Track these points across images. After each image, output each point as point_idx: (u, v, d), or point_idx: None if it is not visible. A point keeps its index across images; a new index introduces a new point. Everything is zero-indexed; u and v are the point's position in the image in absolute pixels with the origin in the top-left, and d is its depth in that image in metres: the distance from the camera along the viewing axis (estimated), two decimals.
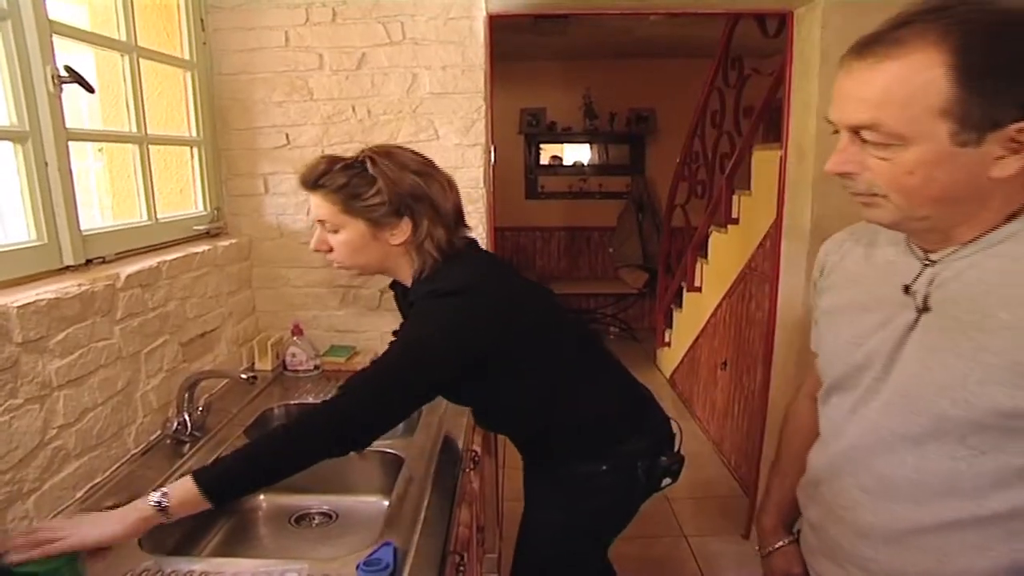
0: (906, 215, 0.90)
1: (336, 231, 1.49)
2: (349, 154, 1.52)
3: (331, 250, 1.52)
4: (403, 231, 1.48)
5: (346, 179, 1.44)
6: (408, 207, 1.47)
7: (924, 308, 0.94)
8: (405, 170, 1.47)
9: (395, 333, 1.63)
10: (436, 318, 1.45)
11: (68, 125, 1.61)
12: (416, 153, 1.54)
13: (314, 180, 1.46)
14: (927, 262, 0.96)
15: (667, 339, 5.35)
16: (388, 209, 1.46)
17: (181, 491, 1.28)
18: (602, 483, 1.67)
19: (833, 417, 1.09)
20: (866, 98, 0.86)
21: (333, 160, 1.47)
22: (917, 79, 0.82)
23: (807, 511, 1.18)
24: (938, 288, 0.93)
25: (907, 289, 0.97)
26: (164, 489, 1.28)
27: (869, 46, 0.86)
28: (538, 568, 1.77)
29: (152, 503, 1.26)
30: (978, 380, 0.86)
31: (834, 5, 2.34)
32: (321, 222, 1.50)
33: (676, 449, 1.76)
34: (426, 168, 1.51)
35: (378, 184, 1.44)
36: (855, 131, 0.89)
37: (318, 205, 1.48)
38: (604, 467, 1.65)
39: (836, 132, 0.93)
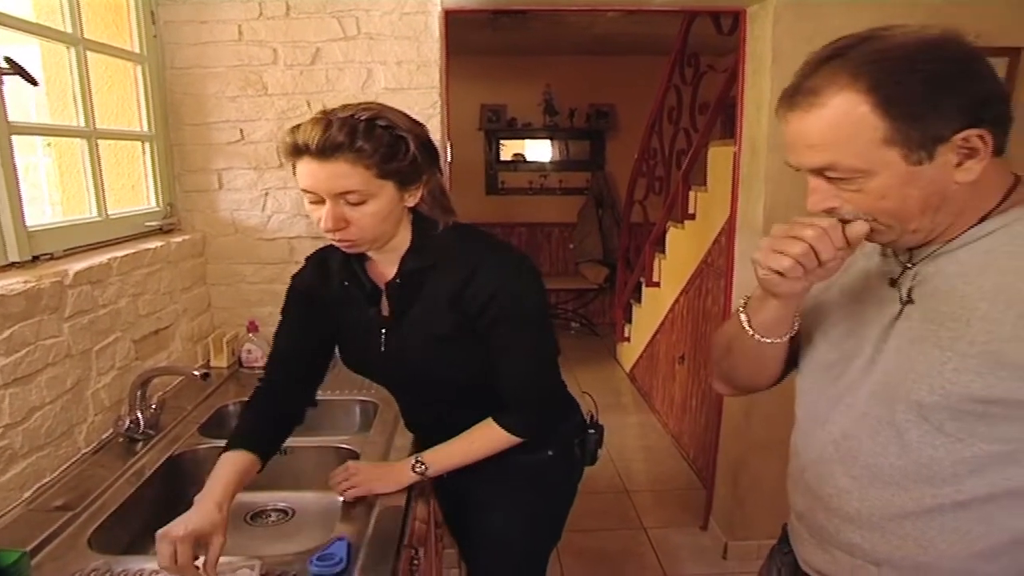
0: (899, 232, 0.94)
1: (364, 202, 1.27)
2: (343, 113, 1.28)
3: (347, 227, 1.30)
4: (419, 190, 1.36)
5: (378, 140, 1.25)
6: (428, 162, 1.36)
7: (908, 300, 0.98)
8: (414, 123, 1.34)
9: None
10: (518, 272, 1.44)
11: (12, 118, 1.58)
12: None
13: (341, 145, 1.22)
14: (909, 265, 1.00)
15: (627, 334, 5.40)
16: (415, 168, 1.32)
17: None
18: (552, 469, 1.65)
19: (817, 404, 1.11)
20: (813, 144, 0.91)
21: (346, 120, 1.24)
22: (849, 120, 0.87)
23: (793, 499, 1.18)
24: (921, 282, 0.97)
25: (893, 282, 1.01)
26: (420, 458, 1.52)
27: (793, 97, 0.92)
28: (506, 566, 1.72)
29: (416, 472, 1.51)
30: (954, 368, 0.90)
31: (785, 4, 2.38)
32: (342, 195, 1.26)
33: (595, 419, 1.74)
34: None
35: (408, 142, 1.29)
36: (819, 172, 0.94)
37: (345, 174, 1.24)
38: (551, 452, 1.62)
39: (798, 170, 0.98)
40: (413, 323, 1.44)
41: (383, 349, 1.48)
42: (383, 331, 1.48)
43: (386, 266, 1.45)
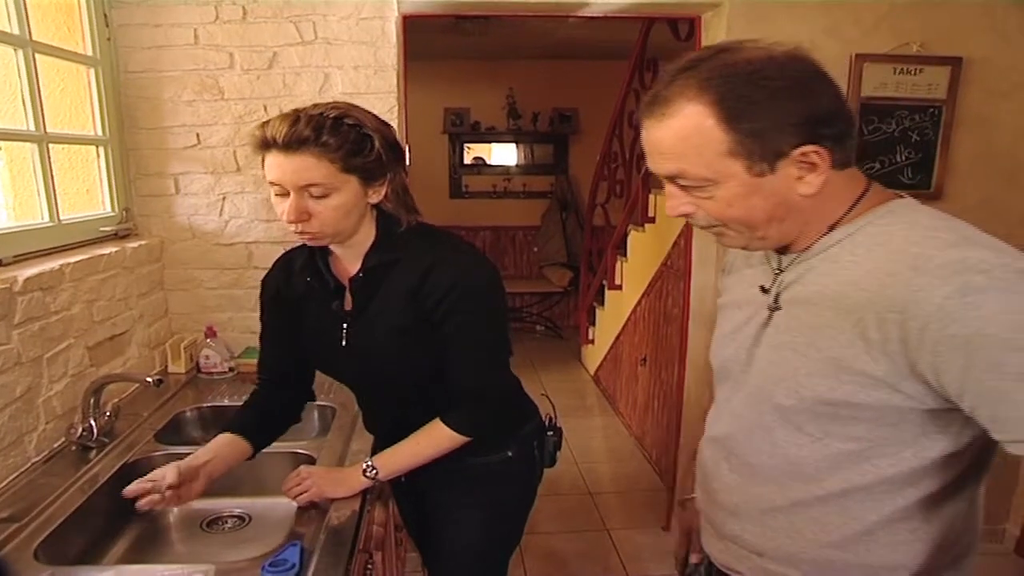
0: (749, 238, 1.00)
1: (327, 195, 1.31)
2: (312, 111, 1.32)
3: (309, 219, 1.33)
4: (383, 187, 1.40)
5: (344, 136, 1.30)
6: (393, 160, 1.39)
7: (776, 307, 1.04)
8: (382, 123, 1.39)
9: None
10: (476, 269, 1.47)
11: None
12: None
13: (307, 139, 1.27)
14: (778, 271, 1.06)
15: (591, 336, 5.43)
16: (379, 165, 1.36)
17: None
18: (511, 470, 1.67)
19: (715, 406, 1.19)
20: (664, 152, 0.96)
21: (313, 117, 1.28)
22: (696, 131, 0.91)
23: (697, 495, 1.25)
24: (785, 288, 1.03)
25: (764, 289, 1.07)
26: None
27: (650, 106, 0.96)
28: (466, 568, 1.73)
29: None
30: (807, 372, 0.96)
31: (738, 11, 2.42)
32: (305, 188, 1.30)
33: (554, 422, 1.77)
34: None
35: (373, 140, 1.33)
36: (672, 179, 0.98)
37: (308, 167, 1.28)
38: (510, 453, 1.65)
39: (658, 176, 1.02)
40: (373, 316, 1.46)
41: (344, 343, 1.50)
42: (344, 325, 1.49)
43: (350, 262, 1.47)
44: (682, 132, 0.92)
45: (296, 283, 1.54)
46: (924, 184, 2.58)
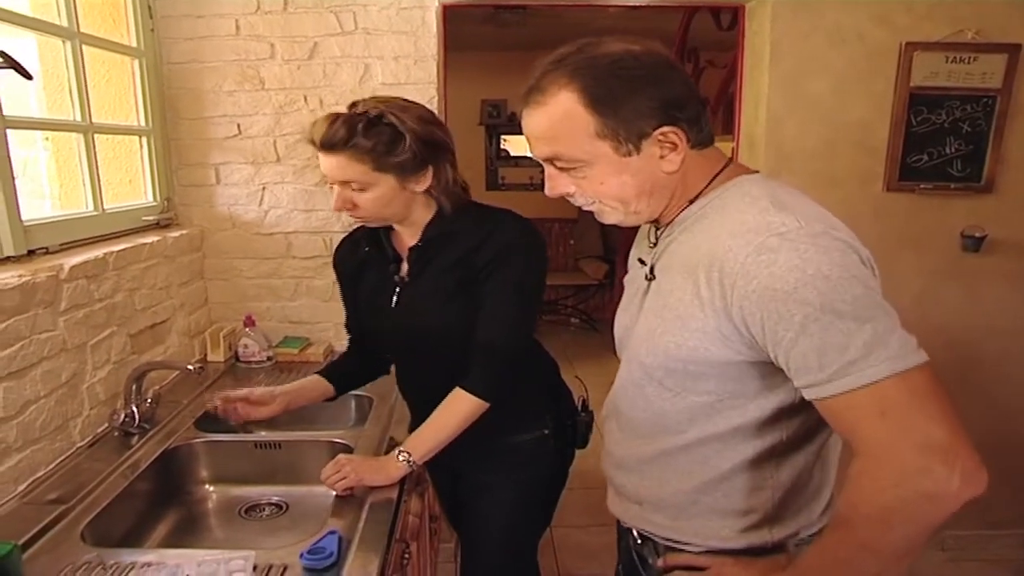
0: (624, 213, 1.08)
1: (364, 189, 1.44)
2: (355, 110, 1.45)
3: (354, 208, 1.47)
4: (427, 178, 1.50)
5: (376, 137, 1.41)
6: (432, 155, 1.49)
7: (651, 277, 1.13)
8: (422, 121, 1.48)
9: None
10: (531, 243, 1.56)
11: (10, 112, 1.59)
12: (417, 103, 1.55)
13: (340, 141, 1.39)
14: (652, 245, 1.16)
15: None
16: (416, 160, 1.46)
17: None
18: (546, 449, 1.70)
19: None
20: (540, 137, 1.05)
21: (350, 118, 1.41)
22: (566, 117, 1.00)
23: (601, 458, 1.35)
24: (658, 260, 1.12)
25: (643, 262, 1.17)
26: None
27: (526, 95, 1.05)
28: (500, 547, 1.76)
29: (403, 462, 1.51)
30: (660, 332, 1.06)
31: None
32: (345, 183, 1.44)
33: (584, 405, 1.80)
34: (434, 116, 1.56)
35: (406, 138, 1.43)
36: (550, 162, 1.06)
37: (343, 166, 1.41)
38: (546, 431, 1.69)
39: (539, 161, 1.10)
40: (425, 280, 1.56)
41: (394, 306, 1.60)
42: (397, 289, 1.60)
43: (409, 237, 1.59)
44: (555, 117, 1.01)
45: (358, 253, 1.67)
46: (975, 177, 2.50)
